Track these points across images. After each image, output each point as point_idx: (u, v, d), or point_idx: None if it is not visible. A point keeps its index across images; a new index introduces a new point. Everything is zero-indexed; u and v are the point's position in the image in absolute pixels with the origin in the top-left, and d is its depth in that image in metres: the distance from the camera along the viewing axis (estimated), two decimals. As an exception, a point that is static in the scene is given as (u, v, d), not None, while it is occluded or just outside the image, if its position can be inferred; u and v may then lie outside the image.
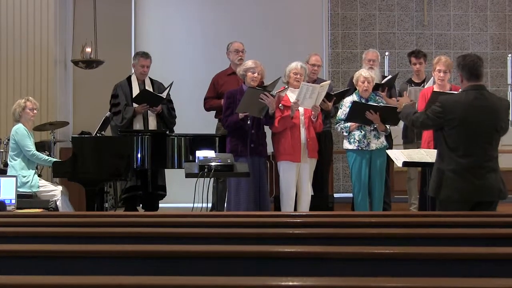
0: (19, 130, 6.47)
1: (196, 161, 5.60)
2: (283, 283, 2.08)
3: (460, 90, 4.62)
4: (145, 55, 7.37)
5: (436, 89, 6.52)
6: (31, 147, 6.48)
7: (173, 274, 2.48)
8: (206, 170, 5.47)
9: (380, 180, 6.61)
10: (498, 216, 4.05)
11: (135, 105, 7.13)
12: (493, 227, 3.53)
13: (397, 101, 6.13)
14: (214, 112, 7.32)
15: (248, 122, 6.20)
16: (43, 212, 5.68)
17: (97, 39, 8.66)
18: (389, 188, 7.20)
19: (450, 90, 6.39)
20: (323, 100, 6.47)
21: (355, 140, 6.54)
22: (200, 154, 5.64)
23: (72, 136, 6.81)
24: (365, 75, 6.58)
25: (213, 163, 5.52)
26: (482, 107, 4.47)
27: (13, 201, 5.67)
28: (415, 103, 6.73)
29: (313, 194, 6.60)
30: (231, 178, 6.08)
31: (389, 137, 6.90)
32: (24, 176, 6.37)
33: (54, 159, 6.70)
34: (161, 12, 9.54)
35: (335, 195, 7.91)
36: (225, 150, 6.39)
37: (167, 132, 6.89)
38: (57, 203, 6.40)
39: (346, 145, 6.65)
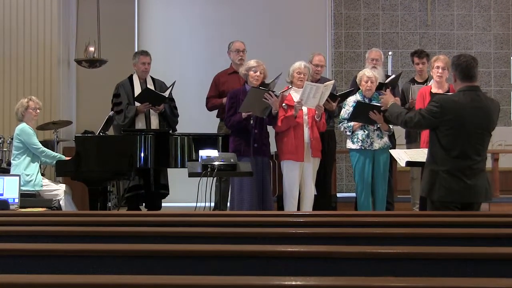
0: (25, 129, 6.47)
1: (199, 160, 5.60)
2: (286, 283, 2.08)
3: (457, 90, 4.59)
4: (145, 53, 7.40)
5: (434, 87, 6.51)
6: (40, 145, 6.49)
7: (176, 273, 2.48)
8: (209, 169, 5.46)
9: (383, 180, 6.60)
10: (501, 216, 4.05)
11: (137, 104, 7.14)
12: (497, 227, 3.52)
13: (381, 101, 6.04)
14: (216, 111, 7.32)
15: (251, 122, 6.20)
16: (46, 211, 5.68)
17: (101, 39, 8.67)
18: (392, 187, 7.19)
19: (449, 90, 6.38)
20: (327, 100, 6.46)
21: (359, 140, 6.53)
22: (203, 153, 5.64)
23: (75, 135, 6.81)
24: (368, 74, 6.56)
25: (216, 163, 5.51)
26: (478, 108, 4.46)
27: (16, 200, 5.67)
28: (413, 101, 6.75)
29: (316, 193, 6.59)
30: (234, 177, 6.08)
31: (392, 137, 6.89)
32: (28, 175, 6.38)
33: (63, 156, 6.70)
34: (164, 11, 9.54)
35: (338, 194, 7.90)
36: (228, 149, 6.38)
37: (170, 131, 6.90)
38: (60, 202, 6.40)
39: (350, 144, 6.63)
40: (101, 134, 6.81)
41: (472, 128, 4.43)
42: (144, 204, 7.40)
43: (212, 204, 6.07)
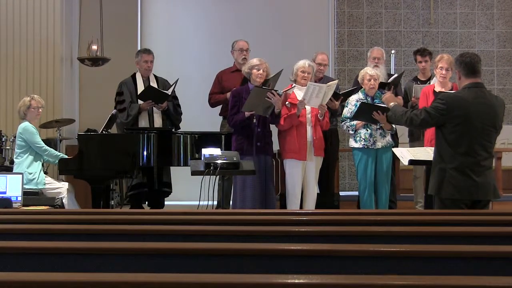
0: (28, 128, 6.47)
1: (202, 158, 5.60)
2: (289, 281, 2.08)
3: (461, 87, 4.60)
4: (147, 51, 7.39)
5: (437, 86, 6.50)
6: (42, 143, 6.50)
7: (178, 271, 2.48)
8: (212, 167, 5.46)
9: (386, 179, 6.59)
10: (504, 214, 4.04)
11: (140, 102, 7.14)
12: (500, 225, 3.52)
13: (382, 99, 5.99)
14: (219, 109, 7.31)
15: (254, 121, 6.20)
16: (49, 209, 5.68)
17: (103, 37, 8.68)
18: (395, 186, 7.18)
19: (452, 89, 6.37)
20: (330, 99, 6.46)
21: (361, 139, 6.52)
22: (206, 151, 5.64)
23: (78, 134, 6.81)
24: (371, 73, 6.55)
25: (219, 161, 5.52)
26: (484, 105, 4.47)
27: (19, 198, 5.68)
28: (415, 100, 6.73)
29: (319, 192, 6.59)
30: (237, 176, 6.08)
31: (395, 136, 6.88)
32: (31, 173, 6.39)
33: (65, 155, 6.71)
34: (167, 9, 9.55)
35: (341, 193, 7.91)
36: (231, 148, 6.38)
37: (173, 130, 6.89)
38: (63, 200, 6.41)
39: (352, 143, 6.62)
40: (104, 132, 6.81)
41: (478, 124, 4.43)
42: (147, 202, 7.41)
43: (215, 203, 6.07)
